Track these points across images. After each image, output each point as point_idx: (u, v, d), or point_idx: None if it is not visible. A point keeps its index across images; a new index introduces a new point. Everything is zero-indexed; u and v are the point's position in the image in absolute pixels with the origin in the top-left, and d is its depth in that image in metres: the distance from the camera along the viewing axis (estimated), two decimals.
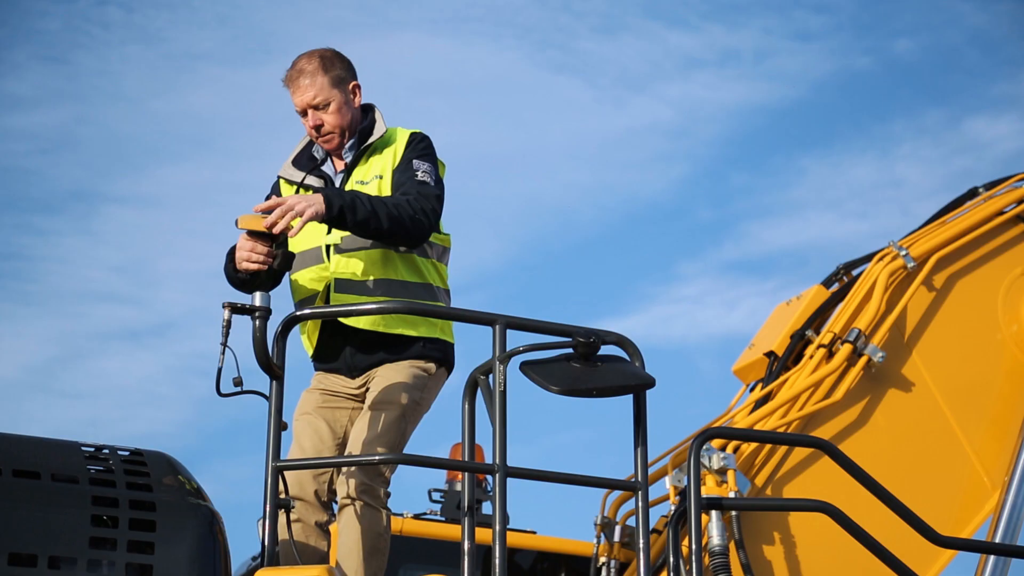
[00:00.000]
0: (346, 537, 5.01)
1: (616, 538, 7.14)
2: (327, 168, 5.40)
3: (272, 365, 4.68)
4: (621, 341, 4.93)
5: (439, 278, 5.35)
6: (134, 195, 20.57)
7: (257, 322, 4.62)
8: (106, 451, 4.58)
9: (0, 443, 4.47)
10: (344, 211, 4.97)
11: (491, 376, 4.74)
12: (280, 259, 4.96)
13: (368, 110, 5.47)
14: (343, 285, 5.17)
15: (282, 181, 5.44)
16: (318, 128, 5.32)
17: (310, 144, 5.48)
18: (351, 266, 5.19)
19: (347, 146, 5.37)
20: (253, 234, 4.93)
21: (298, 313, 4.89)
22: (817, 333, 7.26)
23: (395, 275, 5.22)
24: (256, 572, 4.50)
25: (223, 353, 4.89)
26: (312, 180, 5.35)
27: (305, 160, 5.44)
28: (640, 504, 4.85)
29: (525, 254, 20.89)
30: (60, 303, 20.42)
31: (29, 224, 20.45)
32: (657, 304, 20.78)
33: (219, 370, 4.89)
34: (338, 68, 5.34)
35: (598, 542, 7.18)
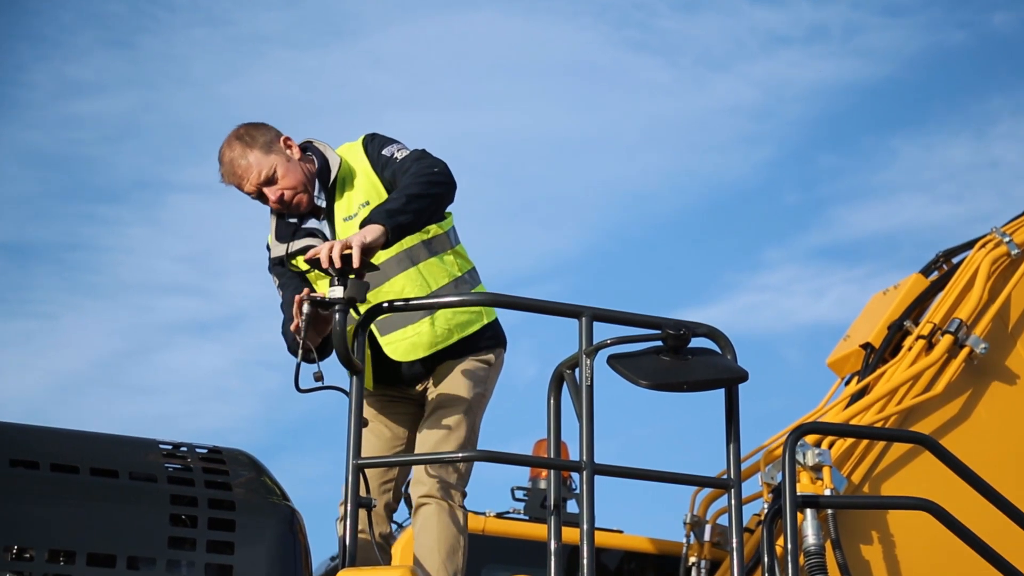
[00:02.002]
0: (425, 537, 5.03)
1: (707, 537, 7.13)
2: (310, 224, 5.28)
3: (352, 359, 4.70)
4: (712, 333, 4.92)
5: (464, 261, 5.33)
6: (201, 183, 20.71)
7: (337, 315, 4.64)
8: (184, 449, 4.63)
9: (77, 441, 4.54)
10: (395, 216, 4.87)
11: (577, 370, 4.74)
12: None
13: (309, 149, 5.34)
14: (386, 324, 5.14)
15: (275, 261, 5.37)
16: (282, 200, 5.20)
17: (280, 214, 5.35)
18: (384, 298, 5.12)
19: (316, 195, 5.25)
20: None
21: (383, 304, 4.90)
22: (916, 324, 7.20)
23: (429, 287, 5.21)
24: (337, 573, 4.53)
25: (302, 348, 4.93)
26: (302, 242, 5.25)
27: (285, 229, 5.33)
28: (733, 502, 4.84)
29: (603, 241, 20.83)
30: (126, 295, 20.58)
31: (94, 214, 20.64)
32: (741, 293, 20.66)
33: (298, 365, 4.92)
34: (260, 136, 5.23)
35: (688, 542, 7.17)
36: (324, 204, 5.25)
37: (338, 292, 4.64)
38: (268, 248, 5.40)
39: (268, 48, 20.40)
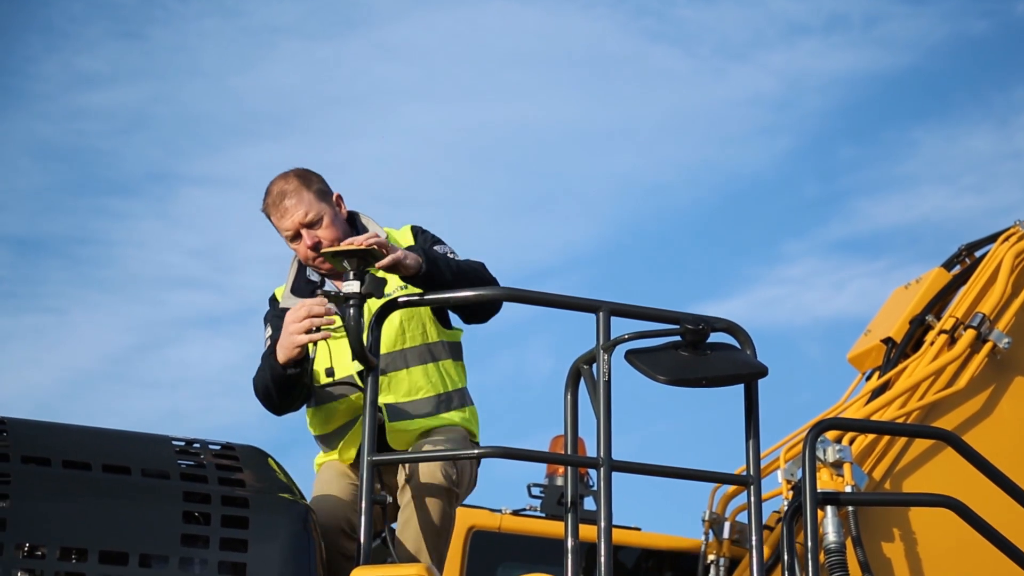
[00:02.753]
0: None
1: (725, 535, 7.13)
2: (329, 288, 5.13)
3: (367, 355, 4.71)
4: (731, 328, 4.91)
5: (465, 378, 5.30)
6: (213, 176, 20.68)
7: (352, 310, 4.63)
8: (197, 445, 4.63)
9: (89, 437, 4.55)
10: (436, 262, 4.88)
11: (595, 365, 4.74)
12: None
13: (354, 219, 5.27)
14: (396, 412, 5.11)
15: (278, 312, 5.22)
16: (316, 247, 5.06)
17: (303, 267, 5.26)
18: (396, 390, 5.10)
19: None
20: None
21: (399, 299, 4.90)
22: (938, 318, 7.20)
23: (445, 386, 5.17)
24: (352, 571, 4.53)
25: (315, 344, 4.93)
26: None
27: (303, 285, 5.24)
28: (752, 499, 4.83)
29: (619, 234, 20.79)
30: (137, 289, 20.55)
31: (104, 207, 20.62)
32: (759, 286, 20.62)
33: (312, 360, 4.93)
34: (316, 182, 5.16)
35: (706, 539, 7.17)
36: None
37: (354, 287, 4.64)
38: (274, 300, 5.29)
39: (280, 39, 20.39)
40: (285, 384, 4.95)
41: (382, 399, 5.00)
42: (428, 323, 5.20)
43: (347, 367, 5.04)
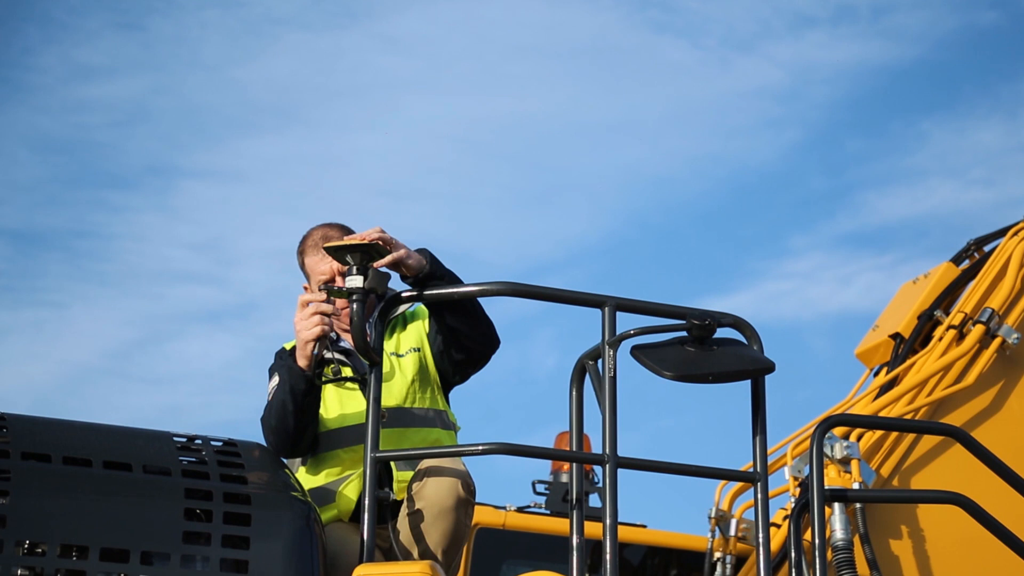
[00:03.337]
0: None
1: (732, 532, 7.13)
2: (345, 344, 5.16)
3: (370, 350, 4.71)
4: (738, 323, 4.91)
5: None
6: (213, 169, 20.68)
7: (355, 305, 4.63)
8: (199, 441, 4.63)
9: (89, 433, 4.55)
10: (439, 266, 4.91)
11: (600, 361, 4.73)
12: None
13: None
14: (405, 462, 5.04)
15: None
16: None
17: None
18: (400, 444, 5.06)
19: (370, 321, 5.03)
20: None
21: (403, 294, 4.90)
22: (947, 313, 7.20)
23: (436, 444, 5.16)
24: (355, 569, 4.53)
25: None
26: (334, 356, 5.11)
27: None
28: (759, 496, 4.83)
29: (623, 228, 20.79)
30: (137, 283, 20.54)
31: (104, 200, 20.61)
32: (765, 280, 20.61)
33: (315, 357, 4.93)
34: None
35: (712, 536, 7.17)
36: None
37: (357, 281, 4.64)
38: (282, 352, 5.19)
39: (281, 30, 20.38)
40: (306, 395, 4.91)
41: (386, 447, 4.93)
42: (437, 391, 5.21)
43: (359, 415, 4.97)
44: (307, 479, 5.08)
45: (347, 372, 5.05)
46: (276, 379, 5.06)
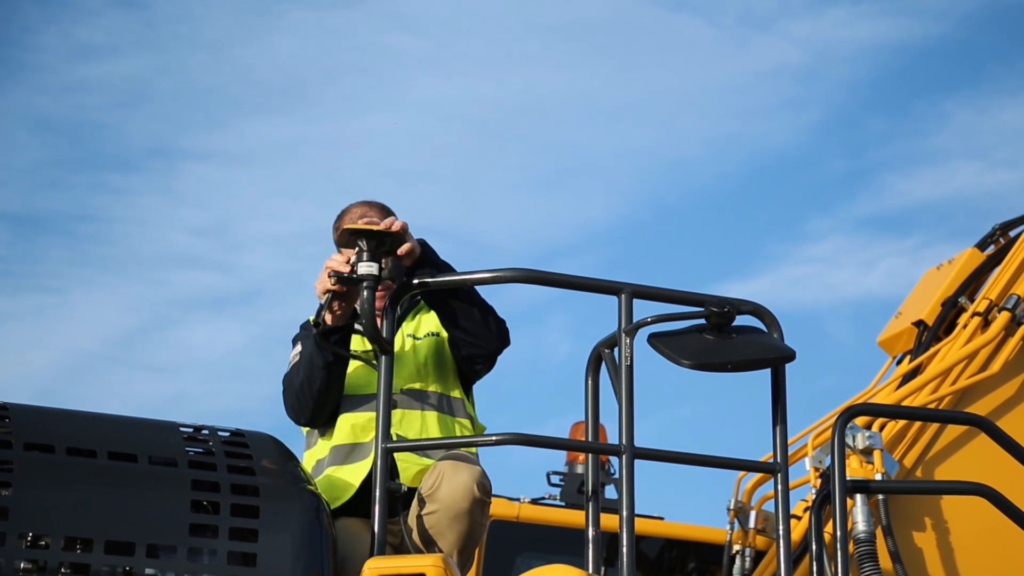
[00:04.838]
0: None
1: (751, 524, 7.12)
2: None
3: (380, 338, 4.70)
4: (757, 311, 4.89)
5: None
6: (217, 151, 20.62)
7: (365, 292, 4.63)
8: (205, 432, 4.62)
9: (94, 423, 4.54)
10: (431, 256, 4.94)
11: (616, 349, 4.72)
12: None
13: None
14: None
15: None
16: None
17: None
18: (407, 428, 5.06)
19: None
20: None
21: (415, 281, 4.88)
22: (971, 300, 7.17)
23: (449, 433, 5.13)
24: (366, 562, 4.52)
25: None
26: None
27: None
28: (780, 487, 4.81)
29: (639, 212, 20.74)
30: (139, 268, 20.47)
31: (105, 183, 20.58)
32: (784, 265, 20.56)
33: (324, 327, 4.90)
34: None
35: (731, 528, 7.16)
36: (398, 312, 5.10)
37: (372, 268, 4.64)
38: (307, 324, 5.22)
39: (286, 8, 20.33)
40: (334, 351, 4.90)
41: (398, 429, 4.96)
42: (453, 378, 5.19)
43: (370, 385, 4.98)
44: (329, 437, 5.09)
45: (365, 346, 5.01)
46: (299, 347, 5.09)
